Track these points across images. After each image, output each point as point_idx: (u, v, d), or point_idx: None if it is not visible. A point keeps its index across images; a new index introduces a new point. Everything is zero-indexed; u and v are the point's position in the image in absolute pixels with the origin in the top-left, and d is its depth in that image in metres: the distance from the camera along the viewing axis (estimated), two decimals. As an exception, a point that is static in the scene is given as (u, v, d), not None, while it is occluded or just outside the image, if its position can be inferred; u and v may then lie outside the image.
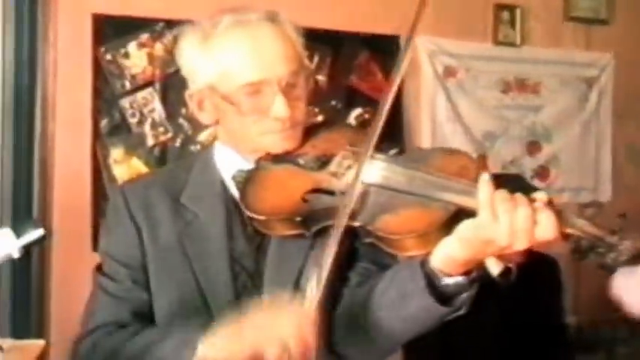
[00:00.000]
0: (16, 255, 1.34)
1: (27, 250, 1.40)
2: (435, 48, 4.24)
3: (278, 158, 1.72)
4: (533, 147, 4.59)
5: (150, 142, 3.52)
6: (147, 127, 3.51)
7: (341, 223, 1.53)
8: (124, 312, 1.73)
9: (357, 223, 1.58)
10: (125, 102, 3.46)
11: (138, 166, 3.48)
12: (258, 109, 1.67)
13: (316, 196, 1.65)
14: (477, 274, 1.52)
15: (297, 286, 1.69)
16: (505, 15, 4.46)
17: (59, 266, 3.46)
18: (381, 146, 1.65)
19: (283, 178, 1.70)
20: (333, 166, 1.68)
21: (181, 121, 3.55)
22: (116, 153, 3.45)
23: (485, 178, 1.46)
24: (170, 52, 3.50)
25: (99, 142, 3.43)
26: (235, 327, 1.51)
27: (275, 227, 1.66)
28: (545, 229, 1.41)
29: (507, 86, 4.47)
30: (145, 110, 3.49)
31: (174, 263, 1.72)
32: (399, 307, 1.58)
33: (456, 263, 1.50)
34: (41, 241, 1.43)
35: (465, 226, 1.47)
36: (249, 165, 1.73)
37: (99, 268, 1.79)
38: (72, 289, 3.17)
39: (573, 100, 4.68)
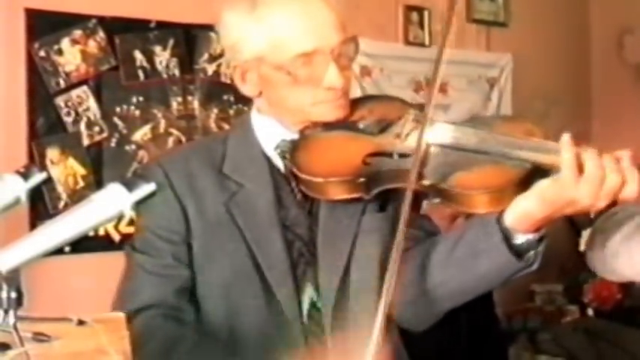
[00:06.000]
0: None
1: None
2: (353, 48, 4.27)
3: (330, 125, 1.69)
4: (442, 144, 4.68)
5: (85, 141, 3.40)
6: (82, 127, 3.38)
7: (411, 182, 1.50)
8: (168, 291, 1.68)
9: (427, 182, 1.56)
10: (60, 100, 3.33)
11: (74, 166, 3.34)
12: (312, 78, 1.65)
13: (378, 159, 1.63)
14: (545, 230, 1.54)
15: (352, 252, 1.69)
16: (414, 16, 4.56)
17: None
18: None
19: (340, 142, 1.68)
20: (396, 128, 1.66)
21: (116, 120, 3.44)
22: (52, 153, 3.31)
23: (566, 139, 1.47)
24: (103, 50, 3.41)
25: (35, 141, 3.29)
26: None
27: (331, 190, 1.63)
28: (632, 190, 1.45)
29: (418, 85, 4.55)
30: (80, 109, 3.37)
31: (224, 234, 1.69)
32: (470, 266, 1.60)
33: (532, 221, 1.51)
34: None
35: (547, 186, 1.48)
36: (292, 136, 1.70)
37: (133, 246, 1.74)
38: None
39: (478, 100, 4.84)
